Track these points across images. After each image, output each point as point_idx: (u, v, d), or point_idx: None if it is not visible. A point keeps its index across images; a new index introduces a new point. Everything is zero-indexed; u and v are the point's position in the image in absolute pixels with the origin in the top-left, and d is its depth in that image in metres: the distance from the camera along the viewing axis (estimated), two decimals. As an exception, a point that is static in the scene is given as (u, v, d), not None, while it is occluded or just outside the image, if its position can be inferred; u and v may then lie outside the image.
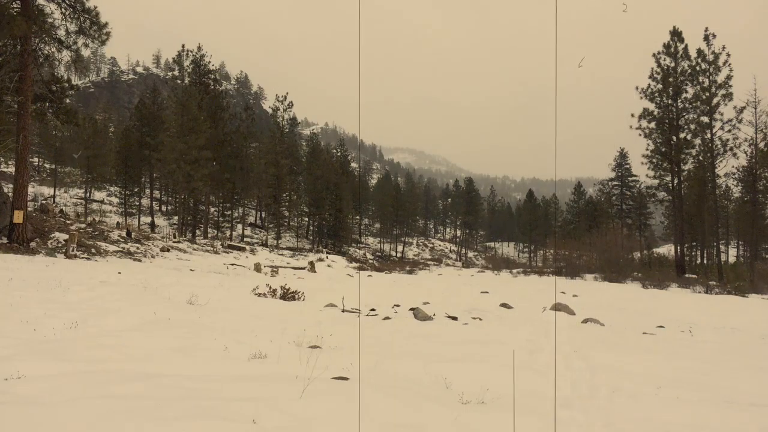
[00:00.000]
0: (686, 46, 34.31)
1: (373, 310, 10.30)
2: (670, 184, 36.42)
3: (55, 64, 18.74)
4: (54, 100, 18.86)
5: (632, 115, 35.69)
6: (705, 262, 42.18)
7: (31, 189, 37.77)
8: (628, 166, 54.92)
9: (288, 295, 11.30)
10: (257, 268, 24.03)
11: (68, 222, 24.55)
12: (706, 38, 33.01)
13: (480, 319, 9.71)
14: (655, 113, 35.15)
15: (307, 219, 60.53)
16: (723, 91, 32.43)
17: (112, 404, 3.03)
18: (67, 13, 17.43)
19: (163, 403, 3.12)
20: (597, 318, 9.98)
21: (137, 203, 47.93)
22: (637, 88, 35.84)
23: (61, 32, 17.60)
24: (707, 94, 32.84)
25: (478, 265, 60.50)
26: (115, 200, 53.02)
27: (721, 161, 33.28)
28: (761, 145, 33.23)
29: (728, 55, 32.39)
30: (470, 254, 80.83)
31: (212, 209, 47.82)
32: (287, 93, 52.66)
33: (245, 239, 46.10)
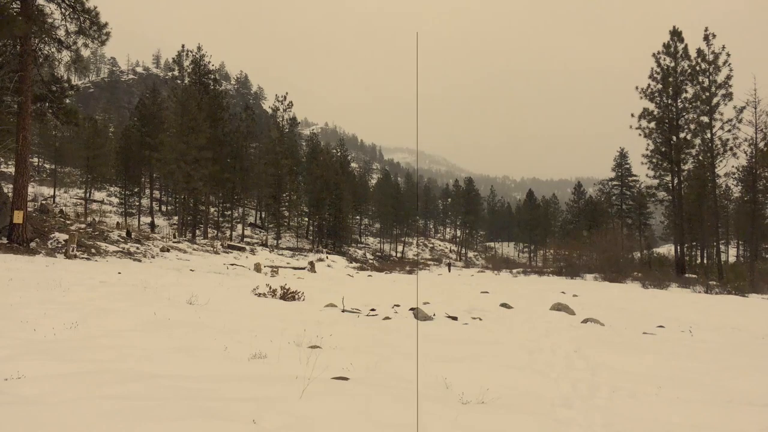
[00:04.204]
0: (686, 46, 34.34)
1: (373, 310, 10.30)
2: (670, 184, 36.43)
3: (55, 64, 18.71)
4: (54, 100, 18.84)
5: (632, 115, 35.75)
6: (705, 261, 42.15)
7: (31, 189, 37.77)
8: (628, 166, 54.91)
9: (288, 295, 11.29)
10: (257, 268, 24.03)
11: (68, 222, 24.55)
12: (706, 38, 33.01)
13: (480, 319, 9.71)
14: (655, 113, 35.16)
15: (307, 219, 60.53)
16: (723, 91, 32.43)
17: (112, 404, 3.03)
18: (67, 14, 17.42)
19: (163, 403, 3.12)
20: (597, 318, 9.98)
21: (137, 203, 47.92)
22: (637, 87, 35.88)
23: (61, 32, 17.59)
24: (707, 93, 32.84)
25: (478, 265, 60.51)
26: (115, 200, 53.02)
27: (721, 161, 33.29)
28: (761, 144, 33.18)
29: (728, 54, 32.41)
30: (470, 254, 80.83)
31: (212, 209, 47.82)
32: (287, 93, 52.72)
33: (245, 239, 46.09)
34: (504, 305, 12.33)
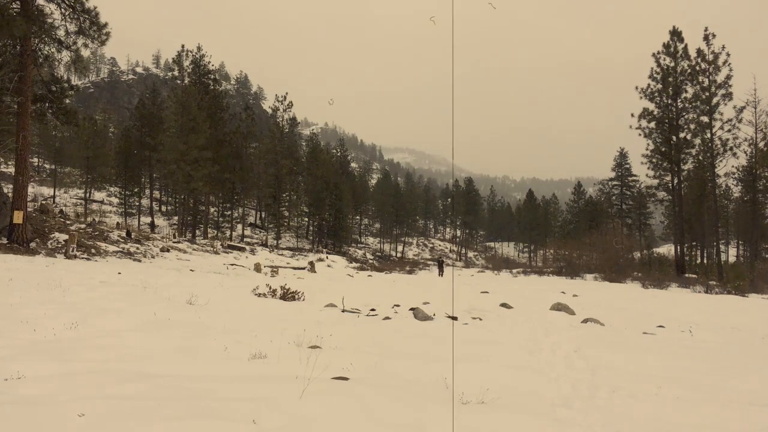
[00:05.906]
0: (686, 45, 34.37)
1: (373, 310, 10.29)
2: (670, 184, 36.45)
3: (55, 64, 18.73)
4: (54, 101, 18.84)
5: (632, 115, 35.76)
6: (705, 261, 42.14)
7: (31, 189, 37.71)
8: (628, 166, 54.97)
9: (288, 295, 11.29)
10: (257, 268, 24.02)
11: (68, 222, 24.54)
12: (706, 38, 33.02)
13: (480, 319, 9.71)
14: (655, 113, 35.18)
15: (307, 219, 60.52)
16: (723, 91, 32.46)
17: (112, 404, 3.04)
18: (66, 14, 17.41)
19: (163, 403, 3.12)
20: (597, 318, 9.98)
21: (137, 203, 47.92)
22: (636, 87, 35.88)
23: (61, 32, 17.57)
24: (707, 93, 32.86)
25: (478, 265, 60.52)
26: (115, 200, 53.00)
27: (721, 161, 33.33)
28: (761, 144, 33.24)
29: (728, 54, 32.45)
30: (470, 254, 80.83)
31: (212, 209, 47.80)
32: (287, 93, 52.67)
33: (245, 239, 46.09)
34: (504, 305, 12.33)
